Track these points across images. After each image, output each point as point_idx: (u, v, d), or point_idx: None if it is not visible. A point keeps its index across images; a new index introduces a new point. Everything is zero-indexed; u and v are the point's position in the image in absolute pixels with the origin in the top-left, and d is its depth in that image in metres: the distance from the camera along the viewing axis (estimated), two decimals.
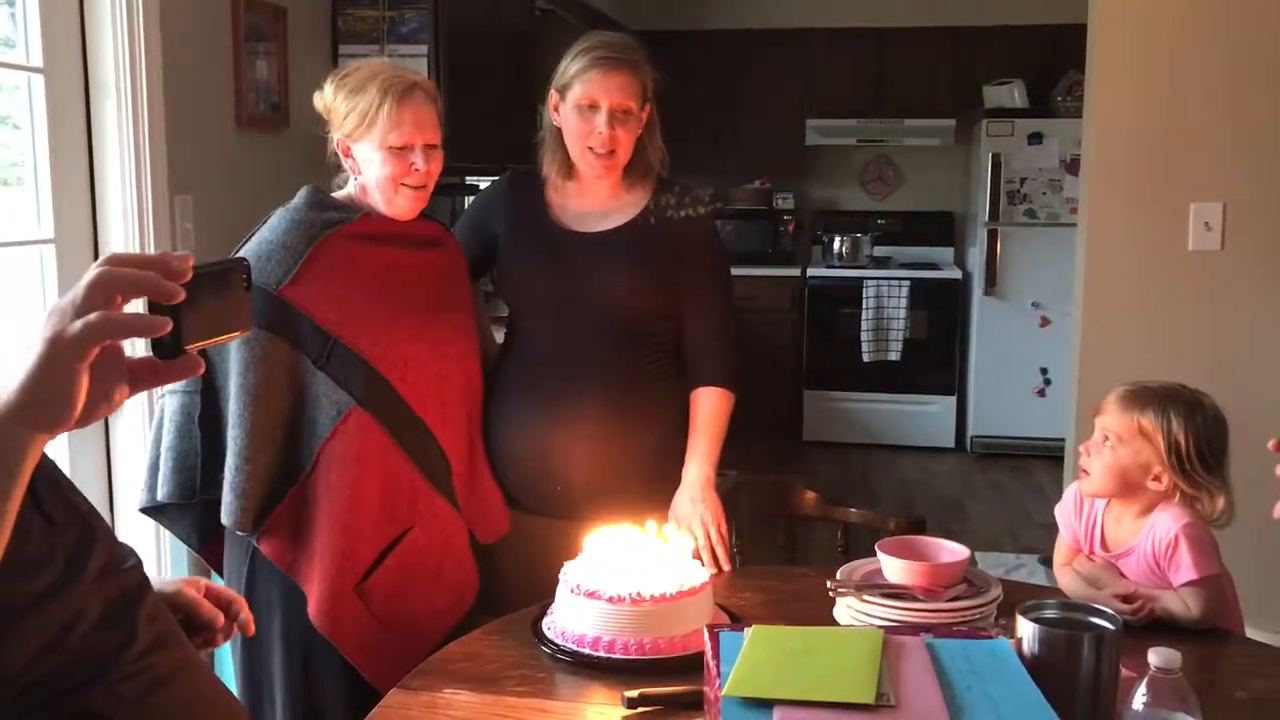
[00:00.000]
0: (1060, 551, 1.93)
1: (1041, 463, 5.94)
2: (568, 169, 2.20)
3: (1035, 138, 5.90)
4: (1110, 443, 1.79)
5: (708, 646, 1.24)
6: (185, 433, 1.94)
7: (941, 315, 6.24)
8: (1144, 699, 1.12)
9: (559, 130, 2.19)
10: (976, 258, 6.16)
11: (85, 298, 0.86)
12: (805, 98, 6.40)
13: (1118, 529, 1.84)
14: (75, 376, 0.86)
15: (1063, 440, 5.72)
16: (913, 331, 6.18)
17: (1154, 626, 1.69)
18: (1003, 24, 6.07)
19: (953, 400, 6.31)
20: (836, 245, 6.42)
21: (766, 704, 1.09)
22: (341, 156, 2.04)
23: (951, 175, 6.61)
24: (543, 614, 1.77)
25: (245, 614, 1.40)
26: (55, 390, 0.85)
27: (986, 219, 5.99)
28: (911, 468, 6.01)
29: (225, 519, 1.91)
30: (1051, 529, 5.02)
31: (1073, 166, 5.86)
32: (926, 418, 6.32)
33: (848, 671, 1.12)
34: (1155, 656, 1.12)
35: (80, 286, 0.86)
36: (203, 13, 2.91)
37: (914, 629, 1.29)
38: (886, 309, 6.16)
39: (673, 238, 2.20)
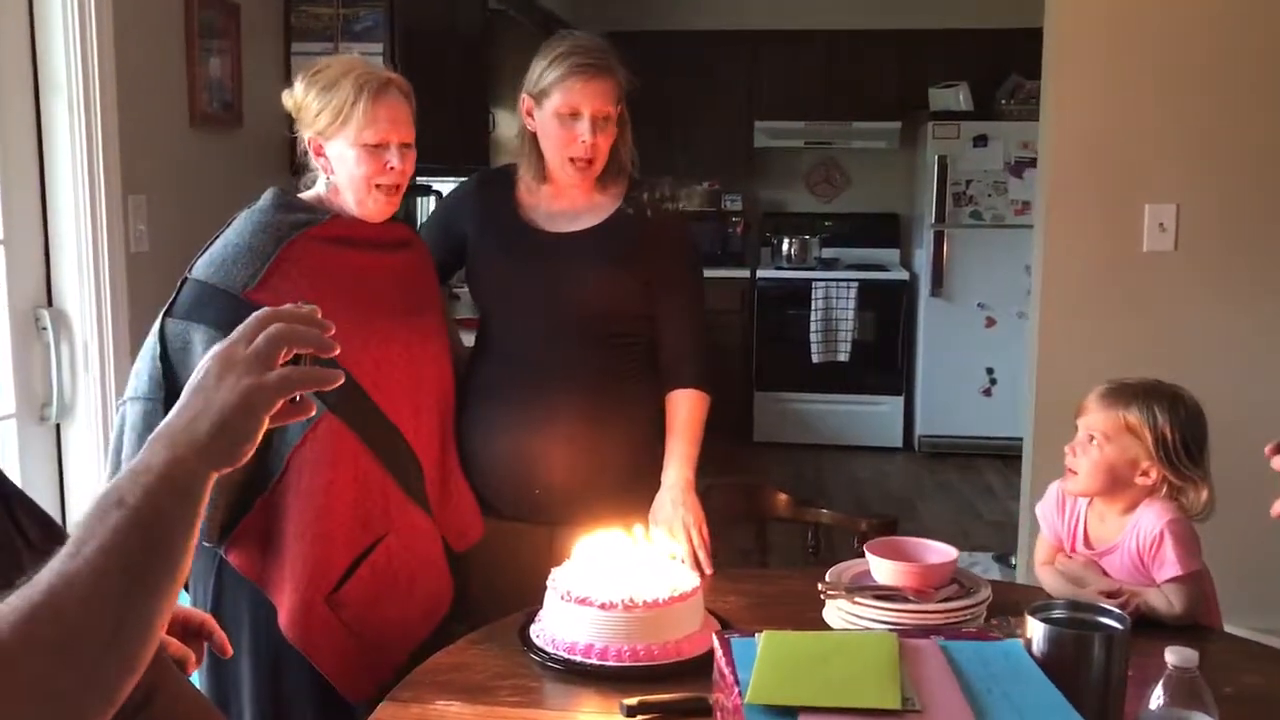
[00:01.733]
0: (1041, 550, 1.94)
1: (989, 461, 6.02)
2: (543, 173, 2.17)
3: (980, 140, 5.97)
4: (1096, 441, 1.80)
5: (719, 653, 1.22)
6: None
7: (889, 316, 6.29)
8: (1161, 699, 1.12)
9: (533, 135, 2.15)
10: (923, 259, 6.22)
11: (267, 350, 0.96)
12: (753, 99, 6.42)
13: (1101, 527, 1.86)
14: (262, 423, 0.95)
15: (1009, 439, 5.87)
16: (861, 332, 6.23)
17: (1136, 623, 1.70)
18: (948, 28, 6.13)
19: (900, 400, 6.36)
20: (785, 247, 6.44)
21: (790, 711, 1.07)
22: (313, 155, 1.99)
23: (897, 177, 6.66)
24: (529, 621, 1.73)
25: (218, 636, 1.34)
26: (244, 434, 0.94)
27: (933, 221, 6.05)
28: (862, 467, 6.04)
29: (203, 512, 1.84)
30: (1002, 528, 5.10)
31: (1017, 169, 5.95)
32: (875, 418, 6.36)
33: (868, 676, 1.11)
34: (1173, 655, 1.12)
35: (261, 340, 0.96)
36: (155, 9, 2.83)
37: (924, 631, 1.28)
38: (835, 310, 6.19)
39: (647, 238, 2.18)
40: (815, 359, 6.22)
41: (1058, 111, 3.30)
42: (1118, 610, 1.31)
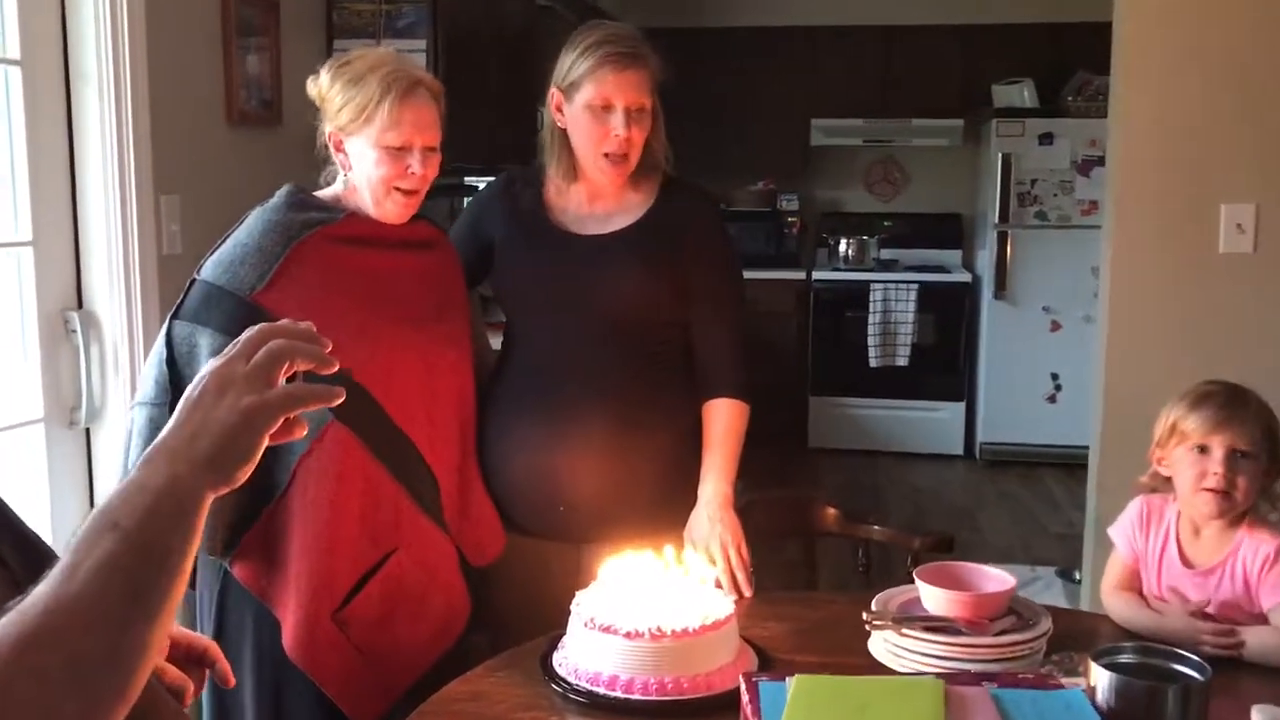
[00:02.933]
0: (1114, 573, 1.79)
1: (1052, 470, 5.82)
2: (573, 172, 2.06)
3: (1046, 138, 5.77)
4: (1249, 454, 1.67)
5: (744, 699, 1.10)
6: None
7: (950, 320, 6.11)
8: None
9: (563, 131, 2.05)
10: (986, 261, 6.03)
11: (268, 367, 0.93)
12: (810, 97, 6.26)
13: (1198, 545, 1.72)
14: (262, 442, 0.92)
15: (1074, 448, 5.66)
16: (920, 336, 6.05)
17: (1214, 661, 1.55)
18: (1012, 22, 5.94)
19: (961, 406, 6.18)
20: (842, 248, 6.29)
21: None
22: (332, 150, 1.91)
23: (960, 176, 6.47)
24: (552, 648, 1.63)
25: (221, 665, 1.26)
26: (244, 454, 0.91)
27: (996, 221, 5.86)
28: (920, 476, 5.87)
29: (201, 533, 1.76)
30: (1066, 540, 4.92)
31: (1084, 168, 5.74)
32: (935, 424, 6.18)
33: None
34: (1260, 715, 0.98)
35: (261, 356, 0.93)
36: (191, 4, 2.77)
37: (975, 678, 1.15)
38: (894, 313, 6.03)
39: (682, 239, 2.06)
40: (873, 363, 6.06)
41: (1127, 107, 3.13)
42: (1195, 658, 1.17)
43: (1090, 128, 5.65)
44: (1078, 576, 3.94)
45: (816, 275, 6.24)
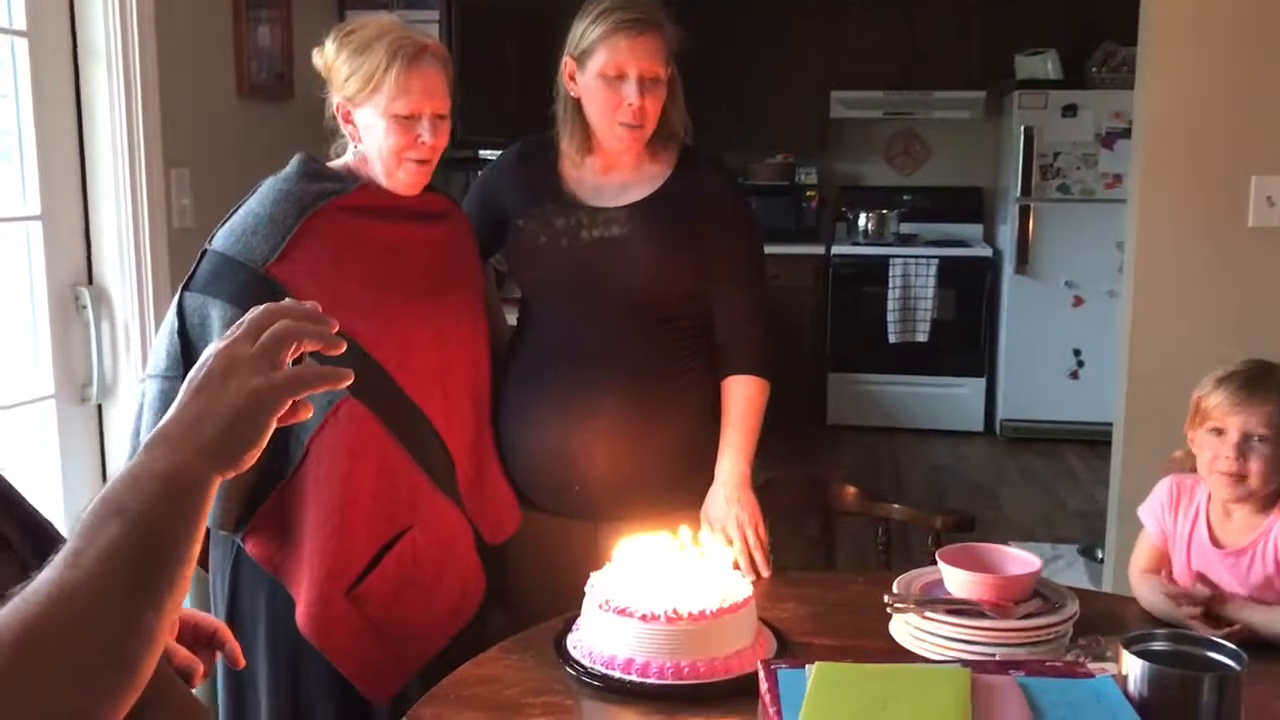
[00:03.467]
0: (1142, 554, 1.75)
1: (1074, 447, 5.76)
2: (588, 143, 2.02)
3: (1069, 110, 5.67)
4: (1264, 437, 1.62)
5: (763, 687, 1.07)
6: None
7: (971, 295, 6.04)
8: None
9: (576, 101, 2.00)
10: (1007, 235, 5.95)
11: (275, 349, 0.91)
12: (830, 69, 6.16)
13: (1228, 525, 1.68)
14: (270, 425, 0.91)
15: (1096, 424, 5.60)
16: (940, 311, 5.98)
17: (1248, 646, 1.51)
18: None
19: (982, 383, 6.11)
20: (861, 222, 6.21)
21: None
22: (341, 121, 1.87)
23: (981, 149, 6.38)
24: (567, 629, 1.60)
25: (231, 646, 1.23)
26: (251, 438, 0.90)
27: (1018, 195, 5.77)
28: (940, 453, 5.82)
29: (207, 518, 1.74)
30: (1088, 518, 4.87)
31: (1108, 140, 5.65)
32: (955, 401, 6.12)
33: None
34: None
35: (267, 338, 0.91)
36: None
37: (1002, 666, 1.11)
38: (914, 288, 5.96)
39: (701, 212, 2.01)
40: (892, 339, 6.00)
41: (1155, 77, 3.06)
42: (1231, 645, 1.12)
43: (1115, 99, 5.55)
44: (1100, 555, 3.90)
45: (835, 250, 6.17)
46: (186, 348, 1.77)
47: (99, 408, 2.54)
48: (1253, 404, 1.63)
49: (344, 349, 0.96)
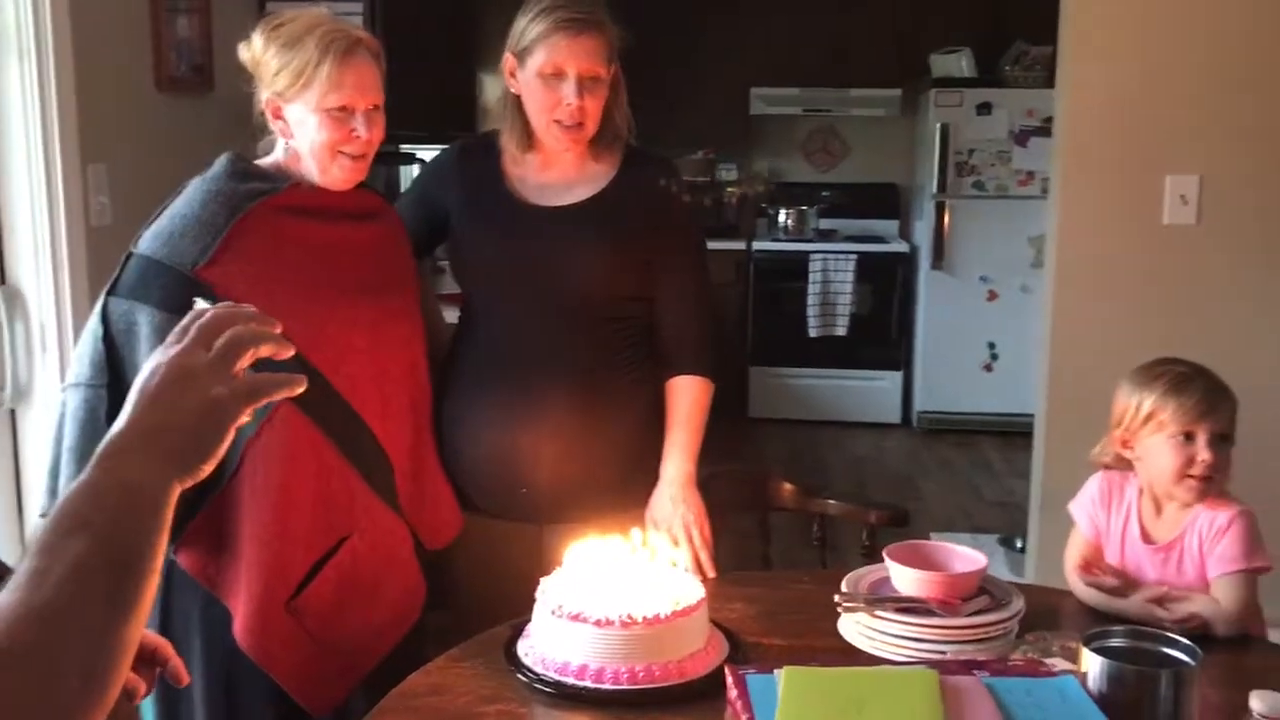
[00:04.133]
0: (1075, 550, 1.79)
1: (989, 438, 5.88)
2: (528, 140, 1.99)
3: (984, 108, 5.78)
4: (1227, 438, 1.67)
5: (733, 693, 1.06)
6: (90, 431, 1.68)
7: (888, 289, 6.13)
8: None
9: (517, 98, 1.97)
10: (923, 231, 6.05)
11: (231, 356, 0.91)
12: (749, 65, 6.20)
13: (1159, 521, 1.72)
14: (230, 434, 0.90)
15: (1011, 415, 5.74)
16: (859, 306, 6.06)
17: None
18: None
19: (900, 375, 6.21)
20: (782, 218, 6.26)
21: None
22: (270, 118, 1.81)
23: (898, 146, 6.47)
24: (516, 636, 1.58)
25: (174, 663, 1.19)
26: (212, 447, 0.89)
27: (934, 191, 5.87)
28: (860, 444, 5.90)
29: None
30: (1005, 508, 4.96)
31: (1022, 138, 5.77)
32: (873, 393, 6.21)
33: None
34: (1260, 702, 0.97)
35: (223, 346, 0.91)
36: None
37: (966, 667, 1.13)
38: (833, 283, 6.03)
39: (645, 212, 2.00)
40: (812, 333, 6.06)
41: (1073, 77, 3.14)
42: (1186, 640, 1.15)
43: (1028, 98, 5.68)
44: (1019, 544, 3.99)
45: (756, 245, 6.21)
46: (112, 355, 1.70)
47: (12, 413, 2.45)
48: (1218, 408, 1.67)
49: (293, 353, 0.95)
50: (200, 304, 0.96)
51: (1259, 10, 3.00)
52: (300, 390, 0.95)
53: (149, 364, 0.91)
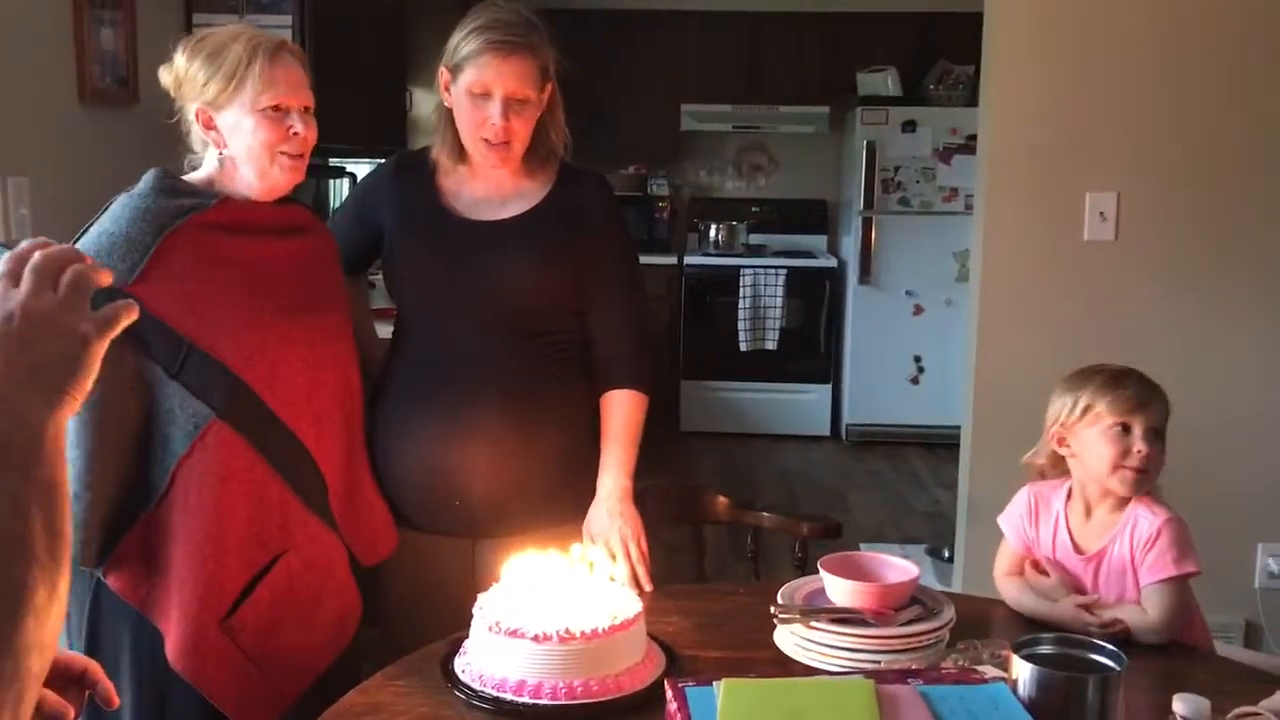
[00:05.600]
0: (1005, 560, 1.83)
1: (916, 450, 5.97)
2: (459, 153, 2.00)
3: (909, 126, 5.89)
4: (1160, 433, 1.71)
5: (672, 705, 1.07)
6: None
7: (816, 303, 6.21)
8: None
9: (449, 111, 1.98)
10: (851, 246, 6.14)
11: (82, 292, 0.96)
12: (680, 82, 6.26)
13: (1087, 529, 1.75)
14: (97, 361, 0.96)
15: (937, 427, 5.84)
16: (788, 320, 6.14)
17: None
18: (874, 11, 6.04)
19: (828, 389, 6.29)
20: (713, 233, 6.32)
21: None
22: (202, 129, 1.79)
23: (826, 163, 6.57)
24: (453, 652, 1.57)
25: (103, 685, 1.17)
26: (87, 375, 0.95)
27: (861, 207, 5.96)
28: (790, 457, 5.95)
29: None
30: (933, 519, 5.04)
31: (946, 155, 5.89)
32: (803, 406, 6.28)
33: None
34: (1183, 706, 1.00)
35: (70, 284, 0.95)
36: None
37: (901, 675, 1.15)
38: (763, 297, 6.09)
39: (579, 228, 2.01)
40: (743, 347, 6.12)
41: (996, 97, 3.20)
42: (1111, 647, 1.19)
43: (952, 116, 5.80)
44: (947, 554, 4.05)
45: (688, 260, 6.26)
46: None
47: None
48: (1153, 402, 1.72)
49: (111, 279, 1.00)
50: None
51: (1178, 31, 3.09)
52: (135, 316, 1.00)
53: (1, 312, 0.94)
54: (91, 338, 0.96)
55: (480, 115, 1.91)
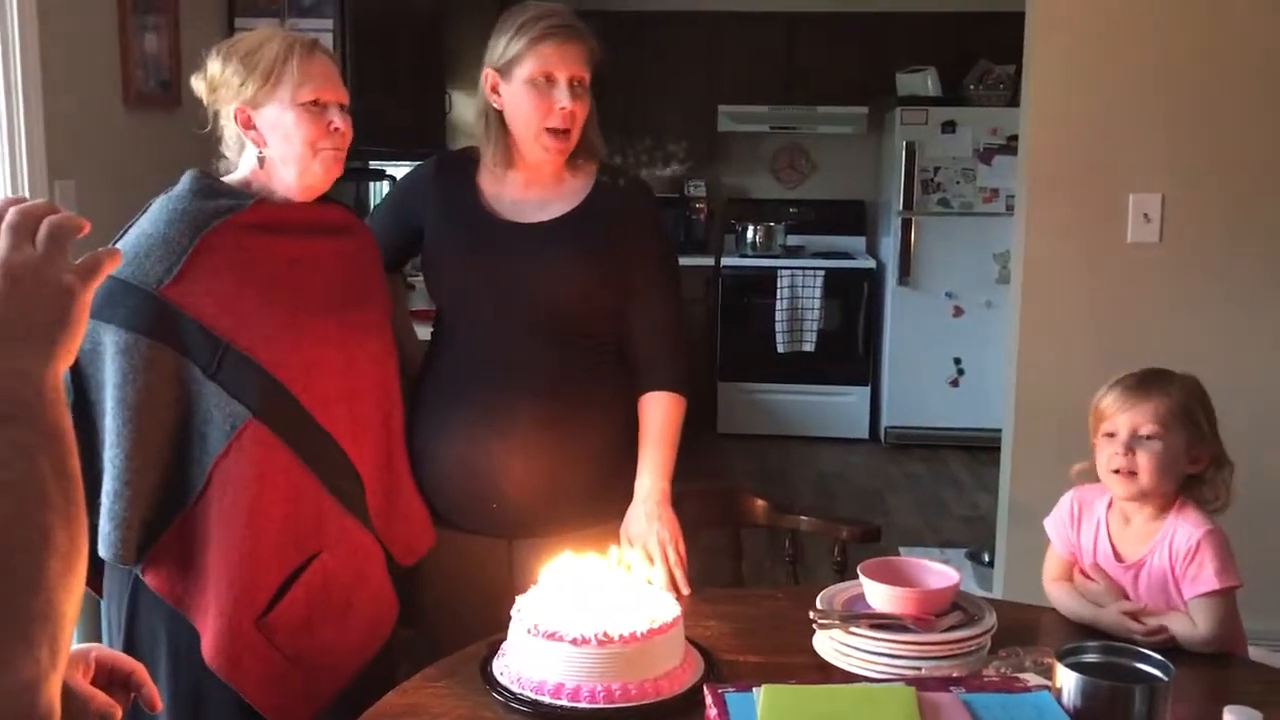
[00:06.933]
0: (1052, 564, 1.81)
1: (956, 453, 5.93)
2: (509, 156, 2.00)
3: (949, 126, 5.84)
4: (1151, 435, 1.68)
5: (711, 711, 1.07)
6: None
7: (855, 305, 6.17)
8: None
9: (499, 114, 1.98)
10: (890, 247, 6.10)
11: (61, 244, 0.94)
12: (718, 83, 6.24)
13: (1126, 537, 1.73)
14: (85, 311, 0.95)
15: (977, 430, 5.79)
16: (826, 322, 6.10)
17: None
18: (913, 11, 6.00)
19: (867, 391, 6.25)
20: (750, 234, 6.30)
21: None
22: (241, 129, 1.80)
23: (864, 164, 6.53)
24: (491, 654, 1.58)
25: (148, 689, 1.18)
26: (76, 326, 0.94)
27: (900, 208, 5.92)
28: (827, 459, 5.92)
29: (103, 551, 1.67)
30: (972, 522, 5.00)
31: (986, 156, 5.84)
32: (841, 408, 6.25)
33: None
34: (1233, 717, 0.98)
35: (48, 237, 0.94)
36: None
37: (943, 683, 1.14)
38: (801, 299, 6.06)
39: (619, 229, 2.01)
40: (780, 349, 6.10)
41: (1038, 97, 3.18)
42: (1159, 656, 1.17)
43: (992, 116, 5.75)
44: (987, 559, 4.01)
45: (724, 261, 6.25)
46: (77, 375, 1.70)
47: None
48: (1139, 402, 1.69)
49: (89, 228, 0.98)
50: None
51: (1222, 29, 3.06)
52: (117, 259, 1.01)
53: None
54: (76, 288, 0.95)
55: (546, 103, 1.92)
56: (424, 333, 2.16)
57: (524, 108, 1.94)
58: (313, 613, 1.77)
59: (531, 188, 2.02)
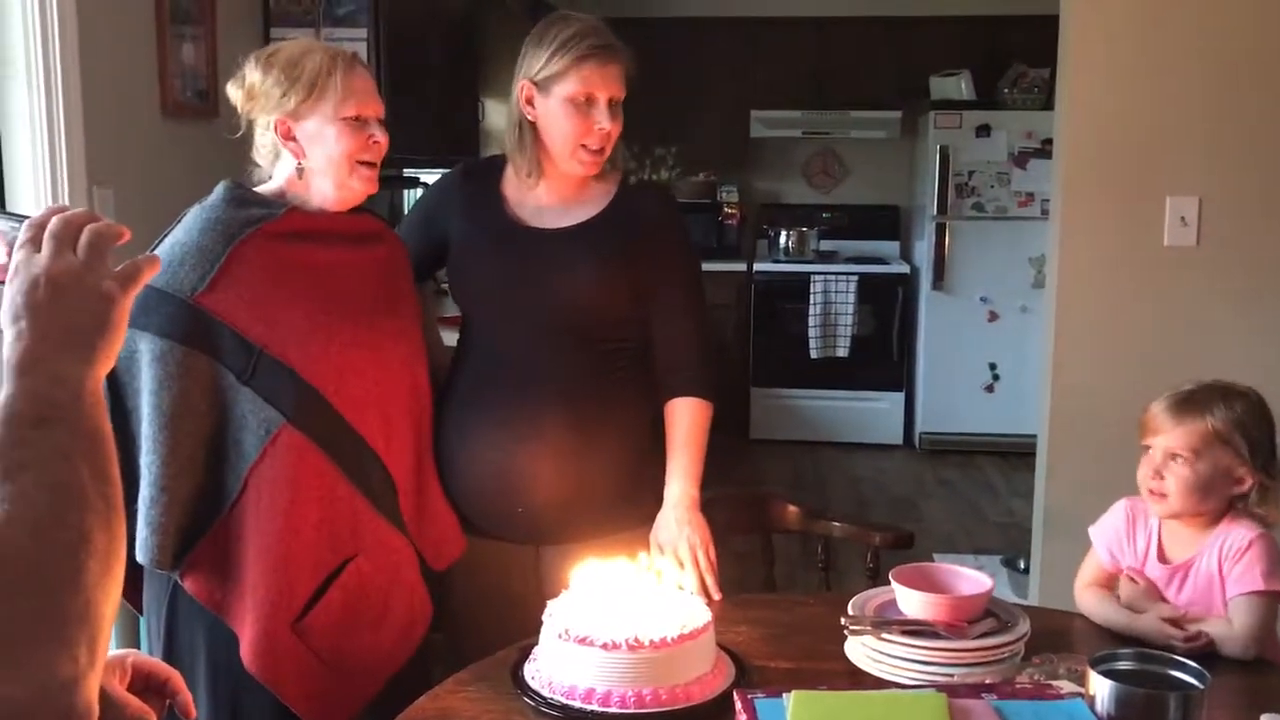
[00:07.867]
0: (1089, 570, 1.79)
1: (990, 459, 5.88)
2: (539, 167, 2.00)
3: (983, 130, 5.81)
4: (1183, 459, 1.66)
5: (741, 717, 1.07)
6: None
7: (889, 310, 6.14)
8: None
9: (533, 125, 1.99)
10: (924, 252, 6.07)
11: (101, 252, 0.95)
12: (749, 89, 6.24)
13: (1176, 540, 1.72)
14: (124, 318, 0.96)
15: (1013, 436, 5.74)
16: (860, 327, 6.08)
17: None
18: (946, 14, 5.97)
19: (901, 396, 6.22)
20: (782, 239, 6.29)
21: None
22: (281, 140, 1.82)
23: (898, 168, 6.50)
24: (523, 659, 1.58)
25: (183, 696, 1.20)
26: (116, 332, 0.95)
27: (934, 213, 5.89)
28: (861, 465, 5.90)
29: (141, 556, 1.70)
30: (1007, 529, 4.96)
31: (1021, 159, 5.80)
32: (875, 414, 6.22)
33: None
34: None
35: (89, 245, 0.95)
36: None
37: (975, 690, 1.13)
38: (834, 304, 6.04)
39: (642, 236, 2.02)
40: (814, 354, 6.08)
41: (1073, 99, 3.15)
42: (1194, 664, 1.15)
43: (1027, 119, 5.71)
44: (1022, 565, 3.98)
45: (757, 267, 6.24)
46: (114, 382, 1.72)
47: None
48: (1175, 424, 1.67)
49: (129, 235, 0.99)
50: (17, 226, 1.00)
51: (1260, 31, 3.02)
52: (156, 263, 1.02)
53: (21, 279, 0.95)
54: (116, 294, 0.97)
55: (585, 123, 1.93)
56: (452, 339, 2.18)
57: (562, 125, 1.94)
58: (348, 616, 1.79)
59: (555, 194, 2.03)
